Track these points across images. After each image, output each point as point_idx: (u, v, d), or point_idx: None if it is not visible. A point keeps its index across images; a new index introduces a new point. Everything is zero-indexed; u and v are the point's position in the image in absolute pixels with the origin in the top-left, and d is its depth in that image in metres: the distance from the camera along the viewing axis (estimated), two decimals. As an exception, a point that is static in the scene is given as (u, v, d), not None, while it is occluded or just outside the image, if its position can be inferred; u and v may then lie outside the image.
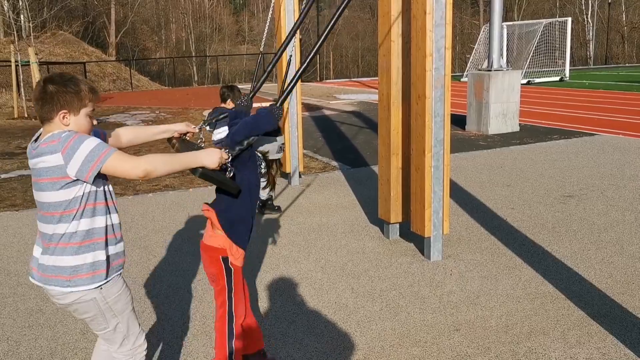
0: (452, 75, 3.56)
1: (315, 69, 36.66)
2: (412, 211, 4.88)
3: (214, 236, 2.73)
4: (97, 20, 42.56)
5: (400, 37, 4.92)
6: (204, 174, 2.42)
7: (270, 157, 2.99)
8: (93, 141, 2.16)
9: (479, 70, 12.83)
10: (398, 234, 5.29)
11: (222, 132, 5.86)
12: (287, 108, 7.39)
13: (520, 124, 11.60)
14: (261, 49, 7.02)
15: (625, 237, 5.11)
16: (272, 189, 5.81)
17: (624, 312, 3.73)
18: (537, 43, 22.15)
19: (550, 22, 23.65)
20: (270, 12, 6.92)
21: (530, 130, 11.31)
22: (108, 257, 2.31)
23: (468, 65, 25.57)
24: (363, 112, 15.41)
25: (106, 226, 2.30)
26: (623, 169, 7.66)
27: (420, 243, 4.89)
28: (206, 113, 16.93)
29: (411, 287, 4.23)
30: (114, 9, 42.64)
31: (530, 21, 25.44)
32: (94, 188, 2.23)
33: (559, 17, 32.03)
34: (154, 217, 6.13)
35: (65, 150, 2.12)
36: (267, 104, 2.65)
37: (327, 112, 15.62)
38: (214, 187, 2.70)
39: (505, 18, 41.54)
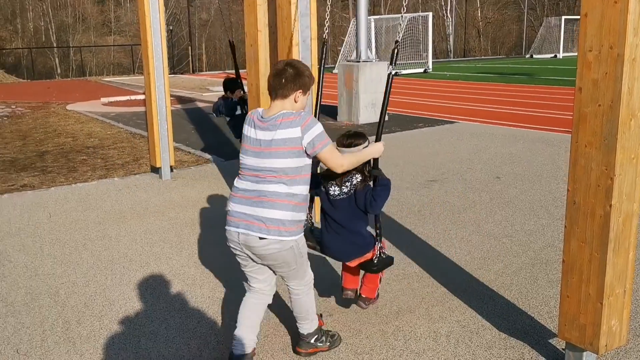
0: (325, 67, 3.72)
1: (188, 61, 35.71)
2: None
3: None
4: (-63, 6, 38.33)
5: (267, 27, 4.91)
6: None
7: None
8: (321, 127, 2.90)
9: (348, 61, 13.19)
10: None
11: None
12: (155, 99, 7.11)
13: (388, 113, 12.10)
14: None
15: (481, 217, 5.50)
16: None
17: (481, 286, 4.02)
18: (403, 37, 23.22)
19: (413, 17, 24.87)
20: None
21: (398, 119, 11.83)
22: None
23: (339, 57, 26.23)
24: (237, 104, 15.26)
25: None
26: (479, 154, 8.26)
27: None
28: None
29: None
30: (-43, -6, 38.65)
31: (396, 15, 26.60)
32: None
33: (421, 12, 33.79)
34: (9, 219, 5.66)
35: (304, 125, 2.82)
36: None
37: (200, 105, 15.30)
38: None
39: (373, 12, 43.07)
